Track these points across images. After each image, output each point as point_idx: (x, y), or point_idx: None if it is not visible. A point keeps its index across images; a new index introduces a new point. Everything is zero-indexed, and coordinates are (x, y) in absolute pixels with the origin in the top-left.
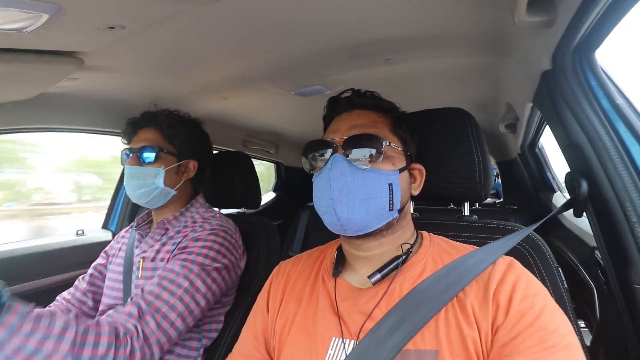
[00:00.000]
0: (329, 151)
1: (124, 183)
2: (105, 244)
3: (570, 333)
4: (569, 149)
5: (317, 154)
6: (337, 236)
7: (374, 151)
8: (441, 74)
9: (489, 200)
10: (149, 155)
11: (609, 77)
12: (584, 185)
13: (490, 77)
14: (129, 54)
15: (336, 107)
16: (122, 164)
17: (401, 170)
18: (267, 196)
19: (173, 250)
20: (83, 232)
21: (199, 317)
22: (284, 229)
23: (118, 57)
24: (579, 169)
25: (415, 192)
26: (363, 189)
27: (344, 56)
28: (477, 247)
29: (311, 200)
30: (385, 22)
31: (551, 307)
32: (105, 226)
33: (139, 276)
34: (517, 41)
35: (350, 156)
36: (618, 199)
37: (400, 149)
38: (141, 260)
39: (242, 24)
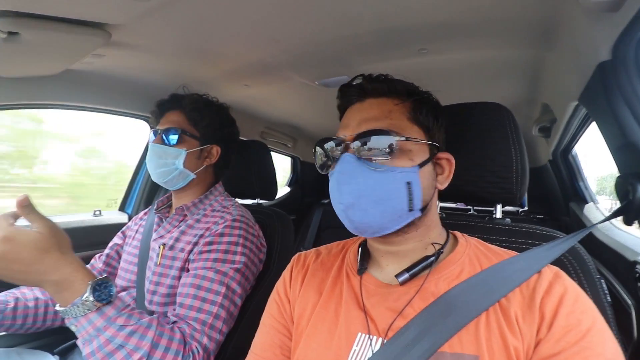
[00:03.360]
0: (339, 150)
1: (147, 159)
2: (120, 226)
3: (618, 357)
4: (623, 149)
5: (327, 152)
6: (350, 235)
7: (386, 148)
8: (476, 69)
9: (511, 208)
10: (172, 137)
11: None
12: None
13: (530, 74)
14: (156, 30)
15: (347, 96)
16: (149, 143)
17: (422, 164)
18: (282, 191)
19: (196, 243)
20: (100, 213)
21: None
22: (297, 225)
23: (145, 33)
24: (635, 172)
25: (442, 186)
26: (377, 191)
27: (374, 45)
28: (517, 253)
29: (325, 197)
30: (421, 6)
31: (599, 326)
32: (122, 208)
33: (157, 263)
34: (572, 29)
35: (361, 154)
36: None
37: (421, 139)
38: (161, 246)
39: (270, 4)
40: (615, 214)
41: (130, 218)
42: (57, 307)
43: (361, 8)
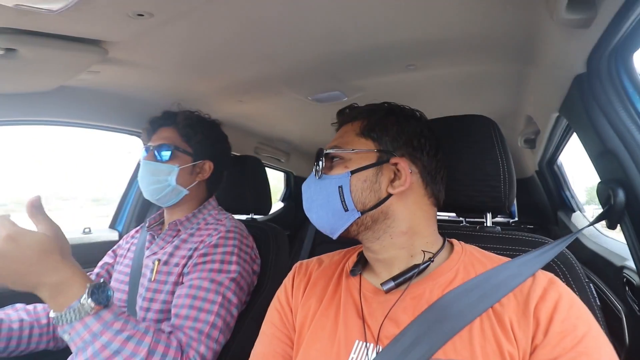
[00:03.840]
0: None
1: (139, 177)
2: (111, 244)
3: None
4: (602, 156)
5: None
6: (344, 248)
7: (325, 161)
8: (462, 83)
9: (502, 219)
10: (165, 153)
11: None
12: (621, 194)
13: (513, 88)
14: (153, 47)
15: (337, 125)
16: (140, 160)
17: (357, 170)
18: (275, 206)
19: (190, 257)
20: (90, 231)
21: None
22: (291, 240)
23: (142, 50)
24: (614, 178)
25: (395, 190)
26: (319, 196)
27: (363, 61)
28: (509, 259)
29: None
30: (409, 25)
31: (595, 331)
32: (112, 226)
33: (152, 279)
34: (548, 44)
35: (316, 169)
36: None
37: (363, 149)
38: (156, 262)
39: (265, 24)
40: (598, 219)
41: (121, 236)
42: (51, 314)
43: (347, 26)
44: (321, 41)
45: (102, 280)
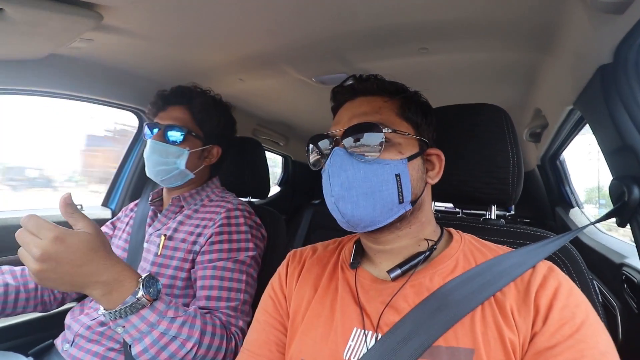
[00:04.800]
0: (330, 145)
1: (145, 156)
2: (103, 222)
3: (611, 350)
4: (619, 152)
5: (319, 148)
6: (341, 235)
7: (375, 140)
8: (473, 71)
9: (499, 212)
10: (176, 135)
11: None
12: (636, 192)
13: (525, 79)
14: (150, 15)
15: (339, 96)
16: (144, 138)
17: (411, 157)
18: (272, 190)
19: (200, 234)
20: (82, 208)
21: None
22: (287, 225)
23: (139, 17)
24: (630, 175)
25: (433, 181)
26: (367, 183)
27: (373, 42)
28: (511, 249)
29: (316, 197)
30: (425, 4)
31: (593, 320)
32: (105, 204)
33: (158, 253)
34: (574, 32)
35: (351, 148)
36: None
37: (409, 134)
38: (163, 237)
39: None
40: (609, 215)
41: (114, 214)
42: (102, 311)
43: (356, 5)
44: (329, 18)
45: (148, 272)
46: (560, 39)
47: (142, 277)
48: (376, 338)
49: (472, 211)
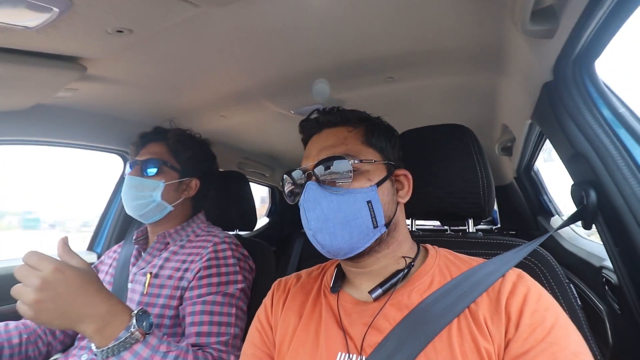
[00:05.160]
0: (303, 179)
1: (122, 193)
2: None
3: (583, 350)
4: (573, 159)
5: (292, 179)
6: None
7: (344, 172)
8: (439, 94)
9: (485, 226)
10: (152, 168)
11: (607, 87)
12: (593, 195)
13: (488, 97)
14: (133, 63)
15: (306, 130)
16: (123, 175)
17: (380, 182)
18: (260, 222)
19: (187, 269)
20: None
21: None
22: (277, 255)
23: (121, 66)
24: (586, 180)
25: (404, 200)
26: (341, 213)
27: (345, 75)
28: (484, 259)
29: None
30: (387, 38)
31: (563, 322)
32: (90, 248)
33: (144, 292)
34: (518, 54)
35: (323, 181)
36: (628, 206)
37: (376, 159)
38: (149, 275)
39: (245, 38)
40: (572, 219)
41: (99, 257)
42: (94, 349)
43: (333, 41)
44: (300, 56)
45: (140, 308)
46: (508, 61)
47: (135, 312)
48: None
49: (459, 227)
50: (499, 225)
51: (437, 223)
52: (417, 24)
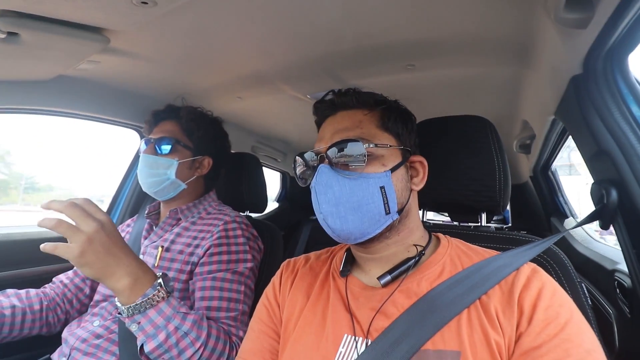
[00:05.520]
0: (316, 161)
1: (138, 170)
2: None
3: (597, 348)
4: (597, 157)
5: (305, 160)
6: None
7: (358, 155)
8: (460, 85)
9: (496, 225)
10: (165, 146)
11: (639, 83)
12: (614, 194)
13: (510, 91)
14: (154, 38)
15: (321, 111)
16: (139, 152)
17: (394, 168)
18: (270, 206)
19: (197, 245)
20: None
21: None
22: (286, 240)
23: (143, 40)
24: (608, 178)
25: (418, 187)
26: (353, 198)
27: (365, 60)
28: (498, 252)
29: (314, 213)
30: (410, 24)
31: (577, 319)
32: None
33: (155, 265)
34: (546, 46)
35: (336, 164)
36: None
37: (391, 144)
38: (160, 248)
39: (266, 18)
40: (590, 218)
41: None
42: (120, 305)
43: (354, 25)
44: (320, 40)
45: (162, 272)
46: (536, 53)
47: (159, 273)
48: (366, 344)
49: (469, 224)
50: (509, 225)
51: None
52: (441, 9)
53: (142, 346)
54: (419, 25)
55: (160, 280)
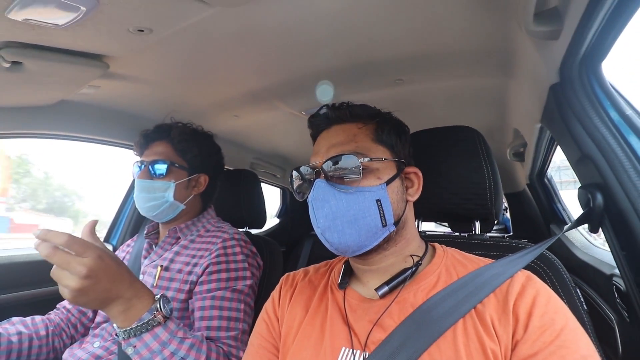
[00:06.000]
0: (312, 175)
1: (134, 196)
2: None
3: (593, 354)
4: (581, 162)
5: (301, 174)
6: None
7: (353, 169)
8: (449, 96)
9: (497, 234)
10: (160, 169)
11: (615, 89)
12: (599, 198)
13: (497, 101)
14: (152, 62)
15: (315, 126)
16: (133, 176)
17: (390, 181)
18: (270, 222)
19: (196, 264)
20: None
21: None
22: (286, 256)
23: (141, 64)
24: (592, 182)
25: (413, 198)
26: (349, 211)
27: (354, 76)
28: (492, 260)
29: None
30: (396, 40)
31: (572, 325)
32: (107, 240)
33: (154, 284)
34: (524, 56)
35: (332, 179)
36: (635, 209)
37: (386, 157)
38: (159, 268)
39: (257, 40)
40: (578, 222)
41: (115, 250)
42: (117, 328)
43: (344, 43)
44: (311, 59)
45: (162, 294)
46: (516, 63)
47: (158, 296)
48: (364, 357)
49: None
50: (511, 233)
51: (448, 230)
52: (425, 26)
53: None
54: (404, 42)
55: (157, 304)
